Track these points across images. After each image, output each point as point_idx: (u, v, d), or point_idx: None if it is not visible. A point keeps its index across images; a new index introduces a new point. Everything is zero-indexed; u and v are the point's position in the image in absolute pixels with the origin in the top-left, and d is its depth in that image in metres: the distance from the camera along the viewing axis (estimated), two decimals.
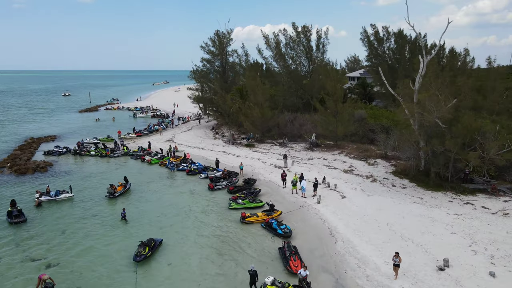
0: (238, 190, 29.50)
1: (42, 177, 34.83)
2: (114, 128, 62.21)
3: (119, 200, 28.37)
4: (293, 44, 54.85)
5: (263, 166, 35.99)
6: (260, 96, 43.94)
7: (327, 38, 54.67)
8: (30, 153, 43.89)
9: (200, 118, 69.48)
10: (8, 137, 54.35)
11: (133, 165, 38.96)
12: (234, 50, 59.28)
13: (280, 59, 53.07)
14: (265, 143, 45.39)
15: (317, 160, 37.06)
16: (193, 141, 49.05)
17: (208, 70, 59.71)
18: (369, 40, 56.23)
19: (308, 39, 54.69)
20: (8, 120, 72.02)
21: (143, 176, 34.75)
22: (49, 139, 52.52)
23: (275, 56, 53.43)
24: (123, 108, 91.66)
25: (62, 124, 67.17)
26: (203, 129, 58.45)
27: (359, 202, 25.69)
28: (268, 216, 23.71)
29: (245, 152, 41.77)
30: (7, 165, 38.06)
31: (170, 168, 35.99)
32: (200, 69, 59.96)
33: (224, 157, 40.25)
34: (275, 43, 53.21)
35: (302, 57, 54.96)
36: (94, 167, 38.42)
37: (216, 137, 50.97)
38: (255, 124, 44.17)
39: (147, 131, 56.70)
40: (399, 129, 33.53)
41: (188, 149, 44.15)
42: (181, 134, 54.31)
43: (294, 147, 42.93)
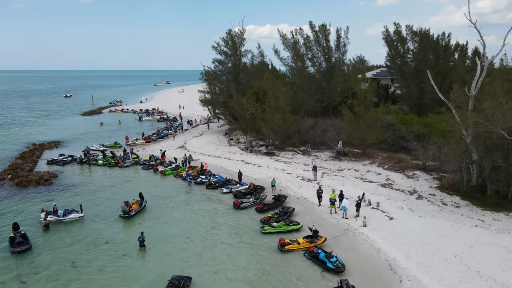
0: (268, 208, 26.26)
1: (47, 191, 31.56)
2: (121, 133, 58.96)
3: (135, 221, 25.12)
4: (309, 45, 51.66)
5: (290, 179, 32.73)
6: (282, 100, 40.67)
7: (347, 38, 51.45)
8: (33, 162, 40.62)
9: (209, 122, 66.24)
10: (9, 143, 51.09)
11: (145, 177, 35.70)
12: (248, 51, 56.15)
13: (298, 60, 49.78)
14: (285, 151, 42.15)
15: (348, 172, 33.80)
16: (207, 148, 45.77)
17: (220, 72, 56.44)
18: (391, 39, 53.10)
19: (327, 39, 51.50)
20: (8, 124, 68.73)
21: (159, 190, 31.48)
22: (53, 145, 49.24)
23: (293, 57, 50.14)
24: (128, 110, 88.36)
25: (65, 128, 63.92)
26: (216, 134, 55.16)
27: (411, 225, 22.45)
28: (312, 244, 20.47)
29: (266, 162, 38.52)
30: (8, 177, 34.79)
31: (188, 181, 32.69)
32: (212, 70, 56.72)
33: (244, 167, 37.00)
34: (293, 43, 49.94)
35: (320, 58, 51.73)
36: (103, 178, 35.15)
37: (231, 144, 47.70)
38: (275, 130, 40.91)
39: (156, 136, 53.40)
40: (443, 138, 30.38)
41: (203, 158, 40.89)
42: (193, 140, 51.03)
43: (319, 155, 39.68)
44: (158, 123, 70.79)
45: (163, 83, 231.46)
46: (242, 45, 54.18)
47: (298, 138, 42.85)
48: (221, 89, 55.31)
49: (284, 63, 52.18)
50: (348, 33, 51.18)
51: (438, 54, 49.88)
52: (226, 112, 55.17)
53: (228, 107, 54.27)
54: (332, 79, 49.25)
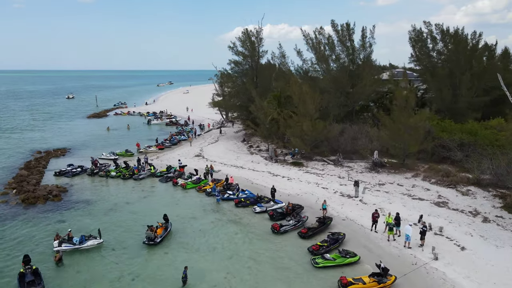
0: (313, 233, 22.88)
1: (57, 208, 28.13)
2: (130, 139, 55.60)
3: (161, 249, 21.73)
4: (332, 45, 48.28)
5: (327, 195, 29.34)
6: (310, 105, 37.30)
7: (373, 38, 48.08)
8: (39, 173, 37.20)
9: (222, 126, 62.91)
10: (12, 150, 47.64)
11: (164, 191, 32.30)
12: (265, 51, 52.82)
13: (323, 62, 46.38)
14: (314, 161, 38.77)
15: (391, 187, 30.44)
16: (226, 157, 42.35)
17: (237, 74, 53.09)
18: (419, 39, 49.79)
19: (351, 38, 48.14)
20: (10, 128, 65.29)
21: (182, 209, 28.08)
22: (59, 153, 45.79)
23: (317, 58, 46.74)
24: (134, 113, 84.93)
25: (70, 133, 60.47)
26: (232, 140, 51.74)
27: (491, 258, 19.09)
28: (380, 285, 17.11)
29: (295, 173, 35.14)
30: (13, 192, 31.39)
31: (216, 197, 29.25)
32: (228, 72, 53.42)
33: (272, 179, 33.66)
34: (316, 43, 46.55)
35: (345, 59, 48.36)
36: (118, 193, 31.74)
37: (252, 152, 44.28)
38: (303, 138, 37.55)
39: (169, 143, 49.97)
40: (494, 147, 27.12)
41: (225, 169, 37.50)
42: (209, 148, 47.62)
43: (352, 166, 36.32)
44: (167, 127, 67.36)
45: (165, 83, 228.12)
46: (260, 45, 50.82)
47: (327, 147, 39.42)
48: (237, 92, 51.85)
49: (306, 65, 48.84)
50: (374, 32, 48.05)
51: (473, 55, 46.56)
52: (243, 117, 51.85)
53: (245, 111, 51.04)
54: (359, 81, 45.87)
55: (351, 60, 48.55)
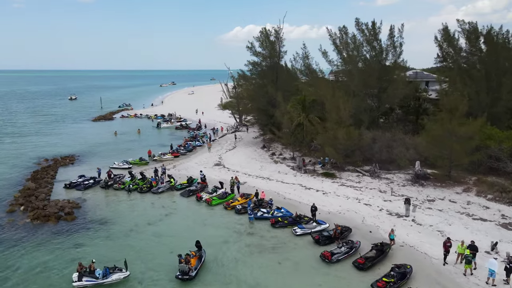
0: (372, 264, 19.72)
1: (71, 230, 24.95)
2: (141, 144, 52.53)
3: (197, 285, 18.59)
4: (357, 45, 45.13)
5: (373, 213, 26.21)
6: (344, 112, 34.15)
7: (401, 37, 44.92)
8: (48, 185, 34.04)
9: (236, 131, 59.79)
10: (16, 158, 44.41)
11: (187, 208, 29.12)
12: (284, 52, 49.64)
13: (351, 63, 43.19)
14: (346, 171, 35.65)
15: (442, 203, 27.30)
16: (249, 166, 39.18)
17: (256, 75, 49.93)
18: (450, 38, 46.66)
19: (377, 38, 44.99)
20: (13, 132, 62.09)
21: (211, 230, 24.92)
22: (67, 161, 42.60)
23: (344, 59, 43.56)
24: (141, 115, 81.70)
25: (76, 138, 57.26)
26: (251, 146, 48.55)
27: None
28: None
29: (330, 186, 31.99)
30: (21, 208, 28.23)
31: (249, 216, 26.10)
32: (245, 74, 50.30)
33: (305, 194, 30.56)
34: (343, 43, 43.39)
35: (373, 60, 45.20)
36: (136, 211, 28.57)
37: (276, 160, 41.10)
38: (336, 147, 34.41)
39: (184, 149, 46.78)
40: None
41: (251, 180, 34.37)
42: (228, 155, 44.45)
43: (391, 178, 33.19)
44: (177, 131, 64.17)
45: (168, 84, 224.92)
46: (281, 45, 47.63)
47: (360, 156, 36.27)
48: (256, 95, 48.58)
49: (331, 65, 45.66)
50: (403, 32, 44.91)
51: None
52: (262, 122, 48.71)
53: (265, 115, 47.93)
54: (390, 84, 42.71)
55: (378, 61, 45.49)
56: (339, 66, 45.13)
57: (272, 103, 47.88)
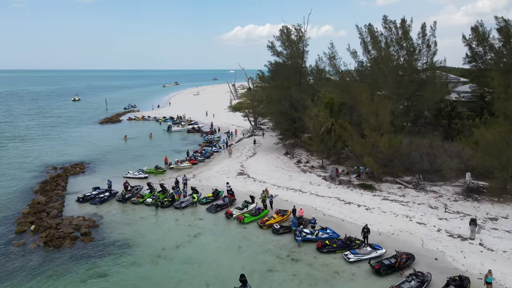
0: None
1: (90, 255, 21.87)
2: (153, 150, 49.43)
3: None
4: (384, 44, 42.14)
5: (432, 235, 23.14)
6: (384, 117, 31.13)
7: (434, 36, 41.94)
8: (59, 197, 30.93)
9: (253, 135, 56.74)
10: (21, 167, 41.20)
11: (217, 227, 25.98)
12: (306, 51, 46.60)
13: (384, 63, 40.12)
14: (385, 182, 32.60)
15: (507, 223, 24.25)
16: (276, 176, 36.08)
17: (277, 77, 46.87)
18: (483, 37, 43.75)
19: (407, 37, 41.98)
20: (17, 137, 58.90)
21: (250, 255, 21.84)
22: (78, 170, 39.47)
23: (376, 59, 40.55)
24: (149, 118, 78.54)
25: (84, 143, 54.10)
26: (273, 153, 45.44)
27: None
28: None
29: (372, 200, 28.92)
30: (31, 228, 25.13)
31: (296, 238, 22.96)
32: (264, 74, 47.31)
33: (347, 209, 27.52)
34: (375, 43, 40.39)
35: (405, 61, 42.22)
36: (161, 230, 25.49)
37: (304, 169, 38.01)
38: (376, 156, 31.36)
39: (202, 156, 43.65)
40: None
41: (282, 193, 31.28)
42: (250, 163, 41.35)
43: (438, 191, 30.13)
44: (189, 134, 61.02)
45: (171, 84, 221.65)
46: (306, 44, 44.55)
47: (400, 166, 33.19)
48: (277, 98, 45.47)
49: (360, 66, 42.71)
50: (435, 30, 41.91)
51: None
52: (285, 126, 45.67)
53: (288, 119, 44.91)
54: (426, 86, 39.71)
55: (410, 61, 42.46)
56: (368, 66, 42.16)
57: (295, 106, 44.96)
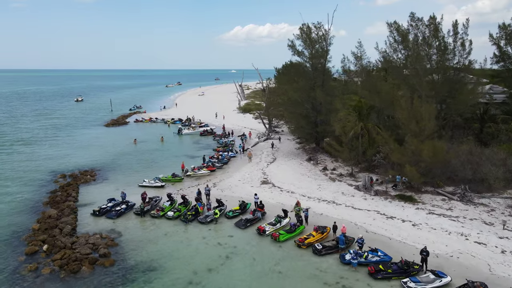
0: None
1: (112, 282, 19.25)
2: (165, 154, 46.84)
3: None
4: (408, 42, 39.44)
5: (498, 258, 20.51)
6: (426, 123, 28.49)
7: (466, 34, 39.26)
8: (71, 211, 28.26)
9: (269, 138, 54.14)
10: (27, 174, 38.58)
11: (250, 245, 23.30)
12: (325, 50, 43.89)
13: (417, 62, 37.44)
14: (425, 193, 29.98)
15: None
16: (304, 185, 33.43)
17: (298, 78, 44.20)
18: None
19: (437, 35, 39.31)
20: (20, 140, 56.26)
21: (293, 283, 19.19)
22: (88, 177, 36.81)
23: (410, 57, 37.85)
24: (157, 119, 75.87)
25: (92, 147, 51.47)
26: (294, 158, 42.79)
27: None
28: None
29: (416, 215, 26.28)
30: (44, 247, 22.51)
31: (352, 260, 20.26)
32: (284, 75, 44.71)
33: (389, 225, 24.90)
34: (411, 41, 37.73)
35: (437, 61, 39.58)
36: (187, 249, 22.85)
37: (332, 177, 35.37)
38: (417, 165, 28.72)
39: (220, 162, 40.99)
40: None
41: (314, 205, 28.64)
42: (272, 169, 38.70)
43: (488, 204, 27.51)
44: (201, 138, 58.33)
45: (174, 84, 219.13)
46: (329, 43, 41.88)
47: (441, 175, 30.57)
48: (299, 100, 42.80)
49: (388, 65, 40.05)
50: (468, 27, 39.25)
51: None
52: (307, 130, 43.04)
53: (310, 123, 42.31)
54: (461, 88, 37.08)
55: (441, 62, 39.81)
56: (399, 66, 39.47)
57: (317, 109, 42.37)
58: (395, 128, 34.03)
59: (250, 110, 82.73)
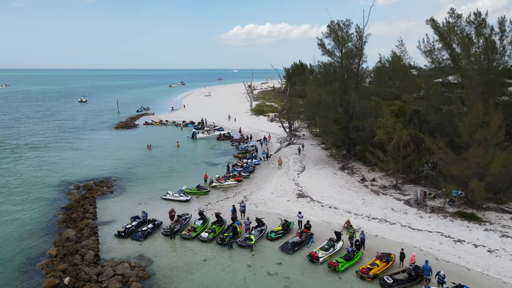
0: None
1: None
2: (183, 161, 43.55)
3: None
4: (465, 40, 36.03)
5: None
6: (495, 130, 25.24)
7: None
8: (91, 230, 24.95)
9: (291, 143, 50.92)
10: (35, 185, 35.26)
11: (304, 276, 20.00)
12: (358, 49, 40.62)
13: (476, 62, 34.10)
14: (486, 209, 26.71)
15: None
16: (345, 198, 30.09)
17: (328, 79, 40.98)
18: None
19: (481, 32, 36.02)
20: (27, 145, 52.90)
21: None
22: (104, 189, 33.46)
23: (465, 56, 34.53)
24: (167, 122, 72.47)
25: (103, 153, 48.07)
26: (326, 167, 39.47)
27: None
28: None
29: (487, 237, 23.01)
30: (65, 281, 19.20)
31: None
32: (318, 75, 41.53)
33: (459, 251, 21.63)
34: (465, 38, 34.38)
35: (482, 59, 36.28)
36: (234, 281, 19.55)
37: (374, 189, 32.08)
38: (482, 178, 25.45)
39: (245, 171, 37.68)
40: None
41: (363, 223, 25.35)
42: (304, 179, 35.39)
43: None
44: (218, 143, 54.95)
45: (178, 84, 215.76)
46: (364, 42, 38.60)
47: (505, 189, 27.31)
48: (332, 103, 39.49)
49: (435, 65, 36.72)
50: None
51: None
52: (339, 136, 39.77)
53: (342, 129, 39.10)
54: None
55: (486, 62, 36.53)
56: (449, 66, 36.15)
57: (350, 114, 39.13)
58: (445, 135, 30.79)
59: (264, 112, 79.39)
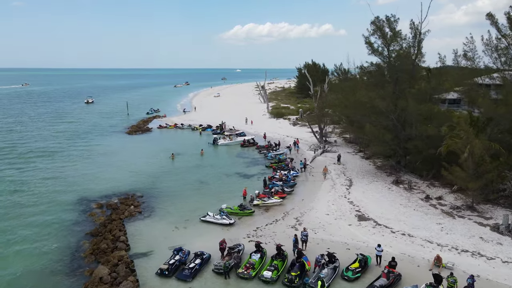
0: None
1: None
2: (212, 174, 39.16)
3: None
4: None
5: None
6: None
7: None
8: (126, 266, 20.59)
9: (326, 151, 46.67)
10: (52, 206, 30.31)
11: None
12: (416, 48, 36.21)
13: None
14: None
15: None
16: (418, 223, 25.67)
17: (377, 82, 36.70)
18: None
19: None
20: (36, 152, 48.34)
21: None
22: (132, 208, 28.94)
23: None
24: (183, 125, 68.00)
25: (121, 163, 43.29)
26: (375, 179, 35.10)
27: None
28: None
29: None
30: None
31: None
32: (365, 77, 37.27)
33: None
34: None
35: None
36: None
37: (446, 210, 27.75)
38: None
39: (286, 186, 33.23)
40: None
41: (452, 258, 21.08)
42: (356, 195, 30.99)
43: None
44: (244, 150, 50.50)
45: (183, 84, 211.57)
46: (420, 40, 34.25)
47: None
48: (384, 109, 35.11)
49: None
50: None
51: None
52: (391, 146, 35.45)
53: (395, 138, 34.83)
54: None
55: None
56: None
57: (402, 121, 34.86)
58: None
59: (283, 115, 75.08)
